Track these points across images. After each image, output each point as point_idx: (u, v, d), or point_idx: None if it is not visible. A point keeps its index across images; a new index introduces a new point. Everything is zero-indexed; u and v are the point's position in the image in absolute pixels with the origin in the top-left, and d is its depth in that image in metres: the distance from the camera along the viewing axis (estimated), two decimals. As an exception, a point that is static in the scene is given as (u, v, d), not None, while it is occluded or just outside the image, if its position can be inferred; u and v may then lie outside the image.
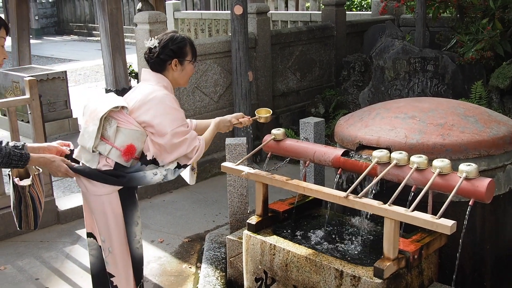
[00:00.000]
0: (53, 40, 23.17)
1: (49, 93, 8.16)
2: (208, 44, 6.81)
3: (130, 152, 3.02)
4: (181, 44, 3.19)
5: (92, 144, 2.97)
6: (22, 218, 3.06)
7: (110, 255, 3.18)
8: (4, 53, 2.83)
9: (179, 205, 5.96)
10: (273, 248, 3.25)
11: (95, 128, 2.96)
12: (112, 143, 3.00)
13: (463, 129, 3.39)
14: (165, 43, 3.15)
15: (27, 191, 3.00)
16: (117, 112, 3.01)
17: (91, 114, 3.02)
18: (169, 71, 3.20)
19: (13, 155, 2.80)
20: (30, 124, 5.29)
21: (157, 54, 3.15)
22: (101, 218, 3.12)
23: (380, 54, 7.47)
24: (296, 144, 3.59)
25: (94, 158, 3.02)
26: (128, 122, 3.03)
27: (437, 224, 2.57)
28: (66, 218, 5.55)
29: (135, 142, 3.03)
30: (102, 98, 3.13)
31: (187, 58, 3.21)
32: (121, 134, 3.00)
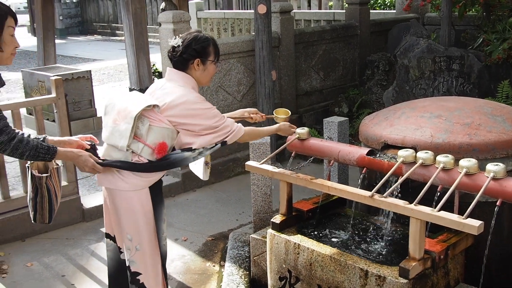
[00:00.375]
0: (77, 40, 23.39)
1: (74, 92, 8.25)
2: (231, 44, 6.82)
3: (162, 150, 3.05)
4: (204, 44, 3.21)
5: (125, 143, 2.98)
6: (37, 210, 3.08)
7: (137, 253, 3.17)
8: (15, 42, 2.84)
9: (203, 204, 5.98)
10: (297, 247, 3.25)
11: (128, 127, 2.97)
12: (145, 141, 3.02)
13: (490, 129, 3.35)
14: (188, 42, 3.18)
15: (44, 182, 3.01)
16: (149, 111, 3.03)
17: (121, 113, 3.03)
18: (192, 70, 3.22)
19: (40, 147, 2.82)
20: (55, 122, 5.35)
21: (180, 53, 3.18)
22: (129, 216, 3.12)
23: (404, 53, 7.41)
24: (321, 143, 3.59)
25: (126, 156, 3.04)
26: (160, 120, 3.05)
27: (464, 224, 2.54)
28: (91, 216, 5.60)
29: (166, 140, 3.07)
30: (130, 97, 3.15)
31: (209, 58, 3.23)
32: (152, 132, 3.03)
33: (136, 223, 3.12)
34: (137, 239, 3.14)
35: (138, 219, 3.12)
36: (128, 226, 3.14)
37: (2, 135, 2.70)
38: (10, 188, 5.32)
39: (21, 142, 2.76)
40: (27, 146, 2.77)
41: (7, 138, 2.72)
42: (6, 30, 2.76)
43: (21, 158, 2.81)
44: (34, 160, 2.90)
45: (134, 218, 3.12)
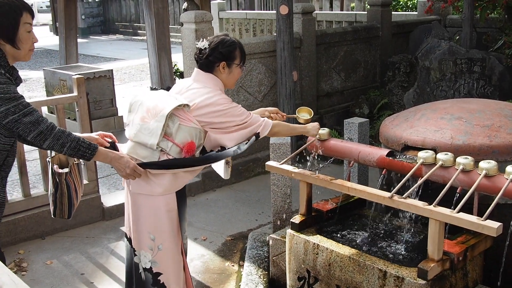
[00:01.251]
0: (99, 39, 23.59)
1: (96, 91, 8.32)
2: (253, 44, 6.85)
3: (190, 149, 3.06)
4: (230, 47, 3.24)
5: (156, 140, 2.98)
6: (57, 205, 3.03)
7: (159, 252, 3.17)
8: (34, 38, 2.75)
9: (222, 204, 6.01)
10: (317, 247, 3.27)
11: (160, 125, 2.97)
12: (173, 140, 3.03)
13: (510, 131, 3.34)
14: (215, 45, 3.22)
15: (64, 179, 2.96)
16: (179, 110, 3.05)
17: (150, 111, 3.03)
18: (217, 73, 3.25)
19: (82, 141, 2.75)
20: (77, 121, 5.41)
21: (206, 56, 3.22)
22: (152, 216, 3.12)
23: (426, 55, 7.39)
24: (341, 144, 3.60)
25: (154, 154, 3.03)
26: (189, 119, 3.07)
27: (483, 226, 2.55)
28: (111, 214, 5.65)
29: (195, 139, 3.08)
30: (158, 95, 3.15)
31: (235, 62, 3.27)
32: (181, 131, 3.04)
33: (160, 222, 3.12)
34: (160, 238, 3.15)
35: (162, 218, 3.12)
36: (150, 226, 3.14)
37: (40, 125, 2.64)
38: (31, 186, 5.37)
39: (63, 133, 2.69)
40: (69, 137, 2.70)
41: (46, 127, 2.65)
42: (22, 27, 2.67)
43: (61, 150, 2.72)
44: (73, 154, 2.75)
45: (158, 218, 3.12)
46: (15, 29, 2.65)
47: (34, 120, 2.63)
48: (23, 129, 2.63)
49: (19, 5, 2.67)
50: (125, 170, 2.93)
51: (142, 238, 3.19)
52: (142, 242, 3.20)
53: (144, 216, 3.15)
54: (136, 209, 3.18)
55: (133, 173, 2.96)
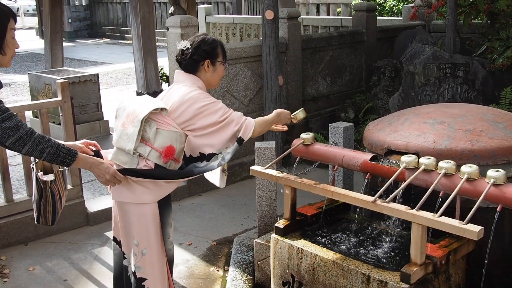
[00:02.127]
0: (85, 43, 23.50)
1: (81, 95, 8.28)
2: (239, 48, 6.86)
3: (169, 153, 3.05)
4: (212, 45, 3.27)
5: (132, 146, 2.98)
6: (41, 212, 3.01)
7: (143, 257, 3.16)
8: (16, 43, 2.73)
9: (208, 208, 6.00)
10: (301, 252, 3.27)
11: (135, 130, 2.98)
12: (152, 145, 3.03)
13: (492, 135, 3.37)
14: (197, 44, 3.24)
15: (48, 187, 2.95)
16: (157, 114, 3.05)
17: (129, 116, 3.04)
18: (202, 72, 3.27)
19: (61, 147, 2.73)
20: (61, 126, 5.37)
21: (190, 55, 3.23)
22: (134, 222, 3.12)
23: (410, 60, 7.44)
24: (325, 148, 3.61)
25: (133, 160, 3.03)
26: (167, 123, 3.07)
27: (465, 230, 2.57)
28: (95, 220, 5.62)
29: (174, 143, 3.07)
30: (139, 100, 3.15)
31: (218, 59, 3.30)
32: (160, 136, 3.04)
33: (142, 228, 3.12)
34: (143, 243, 3.14)
35: (144, 223, 3.12)
36: (135, 230, 3.14)
37: (19, 130, 2.61)
38: (14, 191, 5.34)
39: (42, 138, 2.67)
40: (48, 143, 2.68)
41: (25, 132, 2.62)
42: (9, 33, 2.68)
43: (40, 156, 2.69)
44: (53, 160, 2.73)
45: (140, 223, 3.12)
46: (3, 35, 2.66)
47: (13, 126, 2.61)
48: (2, 134, 2.60)
49: (7, 11, 2.68)
50: (105, 176, 2.92)
51: (128, 243, 3.20)
52: (128, 247, 3.21)
53: (127, 221, 3.15)
54: (122, 214, 3.18)
55: (113, 179, 2.95)
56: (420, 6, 8.71)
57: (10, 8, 2.75)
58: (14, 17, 2.73)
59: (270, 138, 6.69)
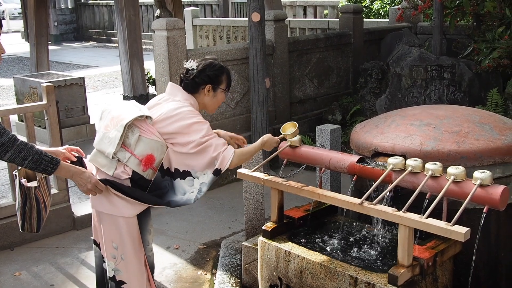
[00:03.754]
0: (72, 46, 23.37)
1: (67, 99, 8.23)
2: (225, 51, 6.85)
3: (149, 162, 3.03)
4: (218, 72, 3.26)
5: (112, 150, 2.97)
6: (26, 219, 3.00)
7: (122, 262, 3.16)
8: (2, 49, 2.71)
9: (195, 212, 5.98)
10: (288, 254, 3.27)
11: (118, 135, 2.96)
12: (132, 151, 3.01)
13: (478, 137, 3.38)
14: (203, 67, 3.22)
15: (33, 193, 2.94)
16: (141, 121, 3.03)
17: (113, 120, 3.02)
18: (201, 95, 3.26)
19: (44, 154, 2.72)
20: (47, 130, 5.34)
21: (193, 77, 3.21)
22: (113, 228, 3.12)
23: (397, 62, 7.46)
24: (312, 151, 3.61)
25: (112, 164, 3.02)
26: (150, 132, 3.04)
27: (451, 231, 2.57)
28: (82, 224, 5.58)
29: (155, 153, 3.05)
30: (125, 105, 3.14)
31: (221, 86, 3.29)
32: (141, 143, 3.01)
33: (120, 233, 3.11)
34: (121, 248, 3.14)
35: (122, 230, 3.11)
36: (113, 235, 3.13)
37: (2, 137, 2.60)
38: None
39: (25, 146, 2.67)
40: (31, 150, 2.68)
41: (8, 139, 2.61)
42: None
43: (22, 163, 2.68)
44: (35, 168, 2.73)
45: (119, 230, 3.11)
46: None
47: None
48: None
49: None
50: (86, 186, 2.91)
51: (107, 247, 3.18)
52: (107, 251, 3.19)
53: (106, 229, 3.14)
54: (100, 221, 3.17)
55: (94, 189, 2.94)
56: (407, 8, 8.75)
57: None
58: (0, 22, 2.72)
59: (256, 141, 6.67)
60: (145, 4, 20.81)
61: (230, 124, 7.02)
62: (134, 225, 3.13)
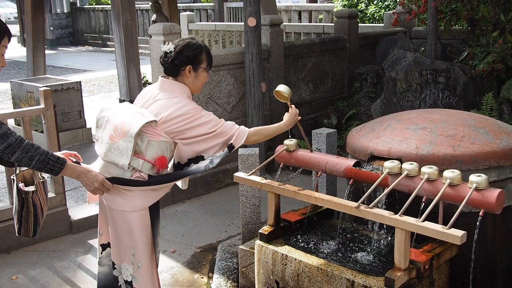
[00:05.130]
0: (68, 51, 23.37)
1: (63, 103, 8.24)
2: (221, 55, 6.87)
3: (162, 164, 3.05)
4: (196, 51, 3.17)
5: (127, 161, 2.95)
6: (22, 224, 3.01)
7: (138, 270, 3.14)
8: (3, 61, 2.76)
9: (192, 215, 5.99)
10: (285, 258, 3.28)
11: (129, 146, 2.94)
12: (144, 157, 3.00)
13: (473, 140, 3.41)
14: (180, 48, 3.14)
15: (30, 197, 2.95)
16: (147, 126, 3.00)
17: (118, 130, 2.99)
18: (183, 77, 3.18)
19: (50, 155, 2.73)
20: (44, 134, 5.34)
21: (172, 59, 3.15)
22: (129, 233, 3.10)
23: (392, 66, 7.49)
24: (308, 154, 3.62)
25: (126, 173, 3.01)
26: (158, 134, 3.03)
27: (447, 234, 2.59)
28: (78, 227, 5.58)
29: (165, 153, 3.06)
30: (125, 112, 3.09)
31: (201, 66, 3.20)
32: (151, 147, 3.01)
33: (137, 239, 3.10)
34: (138, 256, 3.13)
35: (137, 235, 3.10)
36: (130, 241, 3.12)
37: (9, 137, 2.62)
38: (-4, 199, 5.31)
39: (32, 146, 2.68)
40: (38, 151, 2.69)
41: (15, 139, 2.64)
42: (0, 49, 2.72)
43: (29, 164, 2.70)
44: (42, 168, 2.73)
45: (135, 234, 3.10)
46: None
47: (3, 133, 2.62)
48: None
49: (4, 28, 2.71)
50: (93, 184, 2.90)
51: (124, 252, 3.16)
52: (124, 256, 3.17)
53: (123, 231, 3.12)
54: (114, 224, 3.14)
55: (101, 188, 2.93)
56: (401, 13, 8.78)
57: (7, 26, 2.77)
58: (9, 35, 2.76)
59: (253, 145, 6.70)
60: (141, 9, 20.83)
61: (226, 128, 7.02)
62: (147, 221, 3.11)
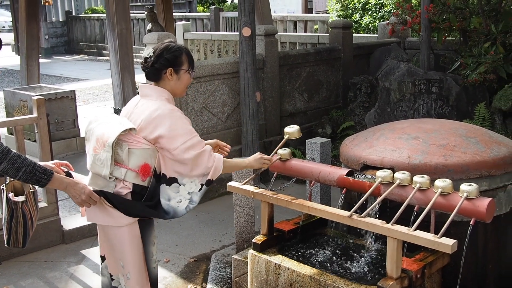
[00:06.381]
0: (63, 59, 23.36)
1: (57, 112, 8.22)
2: (216, 65, 6.90)
3: (146, 172, 3.01)
4: (176, 53, 3.13)
5: (108, 171, 2.93)
6: (11, 234, 2.98)
7: (128, 281, 3.13)
8: None
9: (186, 225, 5.98)
10: (278, 267, 3.29)
11: (108, 155, 2.92)
12: (127, 166, 2.98)
13: (464, 150, 3.43)
14: (160, 52, 3.11)
15: (20, 207, 2.92)
16: (126, 135, 2.97)
17: (99, 140, 2.98)
18: (165, 81, 3.14)
19: (37, 166, 2.71)
20: (37, 143, 5.30)
21: (151, 63, 3.11)
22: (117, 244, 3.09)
23: (386, 76, 7.53)
24: (302, 164, 3.64)
25: (110, 184, 2.99)
26: (138, 142, 3.00)
27: (439, 243, 2.61)
28: (71, 237, 5.54)
29: (149, 160, 3.02)
30: (106, 122, 3.08)
31: (183, 67, 3.15)
32: (133, 156, 2.98)
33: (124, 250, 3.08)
34: (127, 267, 3.11)
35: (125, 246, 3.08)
36: (117, 252, 3.11)
37: None
38: (-15, 209, 5.26)
39: (19, 157, 2.65)
40: (24, 162, 2.67)
41: (1, 150, 2.61)
42: None
43: (15, 175, 2.67)
44: (28, 179, 2.71)
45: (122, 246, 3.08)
46: None
47: None
48: None
49: None
50: (81, 197, 2.88)
51: (117, 264, 3.16)
52: (117, 268, 3.17)
53: (112, 244, 3.11)
54: (106, 237, 3.13)
55: (88, 200, 2.90)
56: (395, 24, 8.84)
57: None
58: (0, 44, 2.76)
59: (247, 154, 6.71)
60: (137, 18, 20.87)
61: (221, 137, 7.04)
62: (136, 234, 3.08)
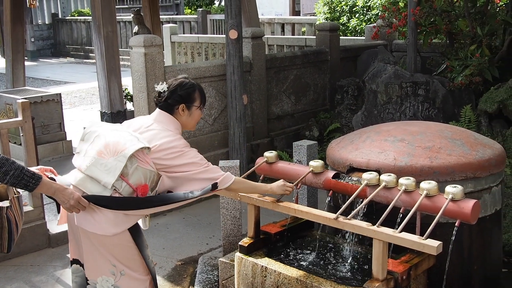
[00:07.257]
0: (49, 62, 23.25)
1: (43, 115, 8.16)
2: (203, 68, 6.89)
3: (143, 192, 3.00)
4: (189, 90, 3.22)
5: (112, 180, 2.90)
6: None
7: (122, 277, 3.08)
8: None
9: (173, 228, 5.97)
10: (265, 270, 3.29)
11: (119, 165, 2.90)
12: (128, 181, 2.96)
13: (450, 152, 3.45)
14: (174, 88, 3.19)
15: (4, 213, 2.88)
16: (139, 152, 2.97)
17: (109, 147, 2.96)
18: (177, 115, 3.22)
19: (25, 170, 2.68)
20: (22, 146, 5.26)
21: (165, 99, 3.19)
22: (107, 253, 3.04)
23: (372, 79, 7.56)
24: (288, 166, 3.65)
25: (106, 192, 2.94)
26: (146, 162, 3.01)
27: (424, 245, 2.62)
28: (57, 241, 5.49)
29: (148, 181, 3.03)
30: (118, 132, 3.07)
31: (195, 104, 3.24)
32: (137, 173, 2.98)
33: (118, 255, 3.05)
34: (120, 266, 3.07)
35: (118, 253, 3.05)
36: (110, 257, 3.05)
37: None
38: (-29, 214, 5.21)
39: (6, 161, 2.63)
40: (12, 166, 2.63)
41: None
42: None
43: (3, 179, 2.64)
44: (16, 183, 2.67)
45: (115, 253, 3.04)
46: None
47: None
48: None
49: None
50: (69, 202, 2.84)
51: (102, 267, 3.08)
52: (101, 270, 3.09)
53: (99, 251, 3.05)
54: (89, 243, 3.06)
55: (77, 205, 2.86)
56: (382, 26, 8.88)
57: None
58: None
59: (234, 157, 6.71)
60: (123, 20, 20.80)
61: (208, 140, 7.04)
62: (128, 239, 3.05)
